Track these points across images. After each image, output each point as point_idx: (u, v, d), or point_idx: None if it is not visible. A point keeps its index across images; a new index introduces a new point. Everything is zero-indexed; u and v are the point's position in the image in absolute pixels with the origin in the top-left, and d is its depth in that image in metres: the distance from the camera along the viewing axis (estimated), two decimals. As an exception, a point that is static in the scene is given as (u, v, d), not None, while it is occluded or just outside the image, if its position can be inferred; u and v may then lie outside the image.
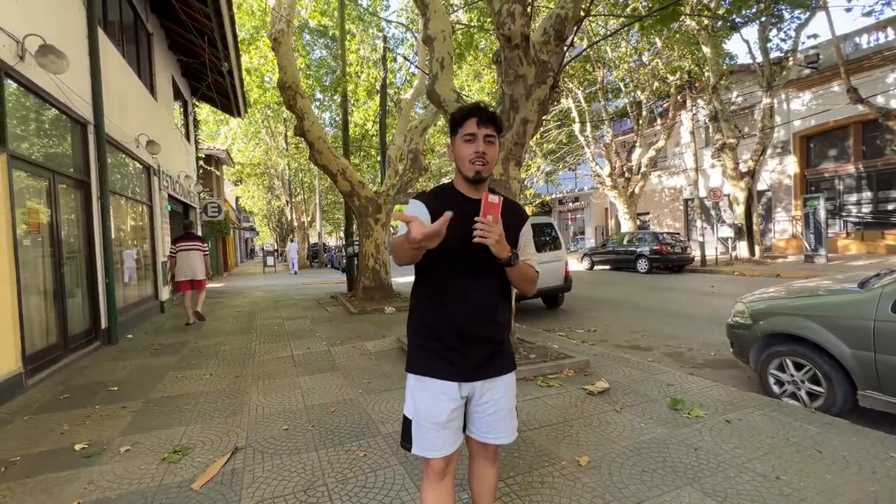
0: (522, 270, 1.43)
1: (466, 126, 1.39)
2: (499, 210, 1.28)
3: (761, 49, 13.30)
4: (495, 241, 1.27)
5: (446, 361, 1.41)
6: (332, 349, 5.12)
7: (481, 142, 1.38)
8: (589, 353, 4.42)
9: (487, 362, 1.44)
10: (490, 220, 1.27)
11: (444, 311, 1.42)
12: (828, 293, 3.27)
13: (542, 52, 3.99)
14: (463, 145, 1.40)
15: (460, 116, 1.41)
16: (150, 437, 2.87)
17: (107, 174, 5.80)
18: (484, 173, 1.40)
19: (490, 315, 1.44)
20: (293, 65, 7.88)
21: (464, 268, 1.40)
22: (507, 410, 1.49)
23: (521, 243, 1.51)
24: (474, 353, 1.42)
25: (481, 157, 1.38)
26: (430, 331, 1.45)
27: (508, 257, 1.33)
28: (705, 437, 2.58)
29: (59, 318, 4.81)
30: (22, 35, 4.10)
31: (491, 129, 1.39)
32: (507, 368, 1.50)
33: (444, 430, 1.40)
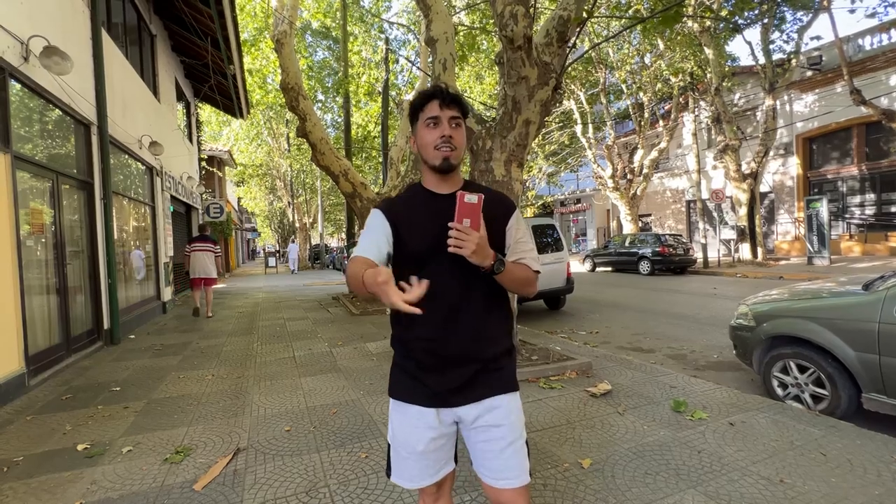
0: (514, 274, 1.21)
1: (428, 109, 1.23)
2: (479, 211, 1.09)
3: (763, 51, 13.28)
4: (472, 250, 1.08)
5: (421, 384, 1.23)
6: (334, 350, 5.12)
7: (446, 125, 1.21)
8: (591, 355, 4.40)
9: (472, 383, 1.22)
10: (467, 225, 1.08)
11: (417, 326, 1.19)
12: (832, 295, 3.26)
13: (545, 54, 3.99)
14: (426, 131, 1.23)
15: (420, 101, 1.25)
16: (153, 438, 2.87)
17: (110, 175, 5.81)
18: (453, 160, 1.22)
19: (474, 330, 1.22)
20: (296, 66, 7.90)
21: (439, 275, 1.15)
22: (508, 442, 1.21)
23: (511, 240, 1.28)
24: (454, 375, 1.21)
25: (448, 142, 1.21)
26: (404, 348, 1.27)
27: (491, 265, 1.13)
28: (708, 439, 2.57)
29: (62, 318, 4.82)
30: (26, 36, 4.12)
31: (455, 111, 1.23)
32: (501, 388, 1.24)
33: (424, 459, 1.24)
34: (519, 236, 1.29)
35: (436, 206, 1.23)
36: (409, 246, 1.24)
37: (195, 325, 7.19)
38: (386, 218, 1.26)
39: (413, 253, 1.24)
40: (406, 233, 1.25)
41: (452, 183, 1.28)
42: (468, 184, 1.33)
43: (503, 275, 1.18)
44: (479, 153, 4.26)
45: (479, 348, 1.23)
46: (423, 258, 1.21)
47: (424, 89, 1.29)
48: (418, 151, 1.29)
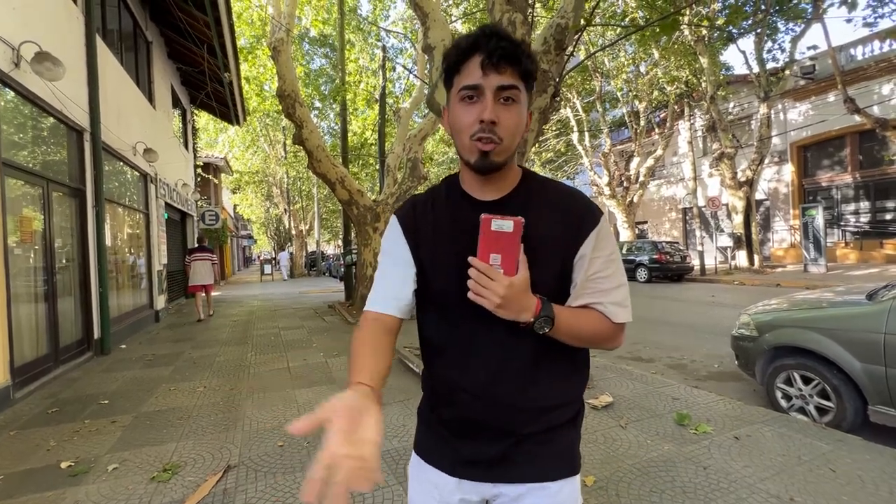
0: (579, 330, 0.81)
1: (465, 72, 0.78)
2: (516, 242, 0.74)
3: (757, 60, 13.42)
4: (497, 304, 0.74)
5: (445, 445, 0.92)
6: (329, 361, 5.02)
7: (490, 99, 0.75)
8: (591, 366, 4.33)
9: (509, 458, 0.87)
10: (496, 263, 0.75)
11: (442, 381, 0.90)
12: (835, 305, 3.21)
13: (543, 62, 3.97)
14: (460, 108, 0.79)
15: (455, 56, 0.79)
16: (140, 454, 2.77)
17: (102, 182, 5.73)
18: (495, 156, 0.78)
19: (512, 393, 0.84)
20: (292, 73, 7.88)
21: (470, 318, 0.82)
22: None
23: (581, 273, 0.83)
24: (485, 444, 0.87)
25: (489, 130, 0.76)
26: (434, 402, 0.95)
27: (531, 322, 0.77)
28: (714, 454, 2.50)
29: (50, 328, 4.70)
30: (18, 42, 4.06)
31: (510, 77, 0.76)
32: (552, 472, 0.87)
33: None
34: (597, 269, 0.82)
35: (466, 219, 0.83)
36: (433, 280, 0.87)
37: (188, 334, 7.07)
38: (403, 235, 0.89)
39: (438, 292, 0.86)
40: (428, 259, 0.87)
41: (502, 183, 0.85)
42: (527, 178, 0.88)
43: (555, 332, 0.79)
44: (477, 161, 4.21)
45: (521, 418, 0.85)
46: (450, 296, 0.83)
47: (467, 34, 0.79)
48: (450, 133, 0.84)
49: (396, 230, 0.90)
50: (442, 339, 0.88)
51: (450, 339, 0.86)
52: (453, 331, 0.86)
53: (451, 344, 0.86)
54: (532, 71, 0.79)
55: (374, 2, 11.37)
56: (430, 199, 0.92)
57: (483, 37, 0.76)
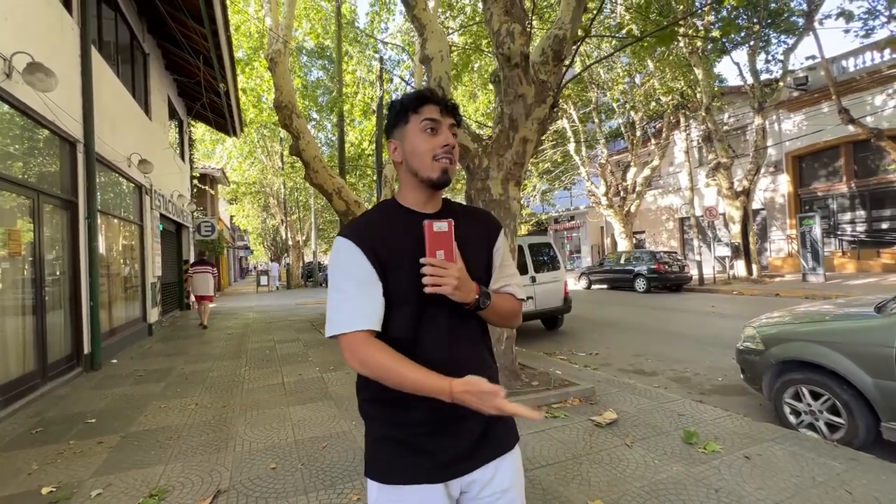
0: (500, 308, 1.06)
1: (425, 111, 1.00)
2: (451, 238, 0.94)
3: (751, 71, 13.55)
4: (454, 286, 0.92)
5: (422, 453, 0.97)
6: (325, 375, 4.91)
7: (448, 132, 1.01)
8: (593, 380, 4.24)
9: (482, 442, 1.01)
10: (441, 258, 0.93)
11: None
12: (843, 318, 3.15)
13: (541, 72, 3.94)
14: (421, 137, 1.00)
15: (413, 102, 1.01)
16: (126, 478, 2.64)
17: (95, 194, 5.64)
18: (451, 173, 1.01)
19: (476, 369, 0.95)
20: (289, 85, 7.86)
21: (430, 316, 0.98)
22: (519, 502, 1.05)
23: (499, 265, 1.11)
24: (465, 432, 0.99)
25: (450, 153, 1.00)
26: (392, 412, 0.99)
27: (476, 300, 0.98)
28: (725, 475, 2.40)
29: (38, 343, 4.57)
30: (10, 53, 4.00)
31: (453, 120, 1.04)
32: (510, 443, 1.06)
33: None
34: (506, 261, 1.13)
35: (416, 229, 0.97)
36: (400, 287, 0.97)
37: (182, 348, 6.93)
38: (364, 254, 0.96)
39: (404, 296, 0.97)
40: (393, 271, 0.97)
41: (437, 201, 1.07)
42: (447, 201, 1.12)
43: (488, 309, 1.03)
44: (476, 171, 4.16)
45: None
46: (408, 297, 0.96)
47: (417, 90, 1.06)
48: (403, 160, 1.03)
49: (355, 252, 0.96)
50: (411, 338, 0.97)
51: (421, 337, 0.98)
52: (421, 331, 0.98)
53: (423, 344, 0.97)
54: (461, 120, 1.09)
55: (371, 14, 11.44)
56: (371, 220, 1.04)
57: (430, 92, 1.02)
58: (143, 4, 8.10)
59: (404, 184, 1.06)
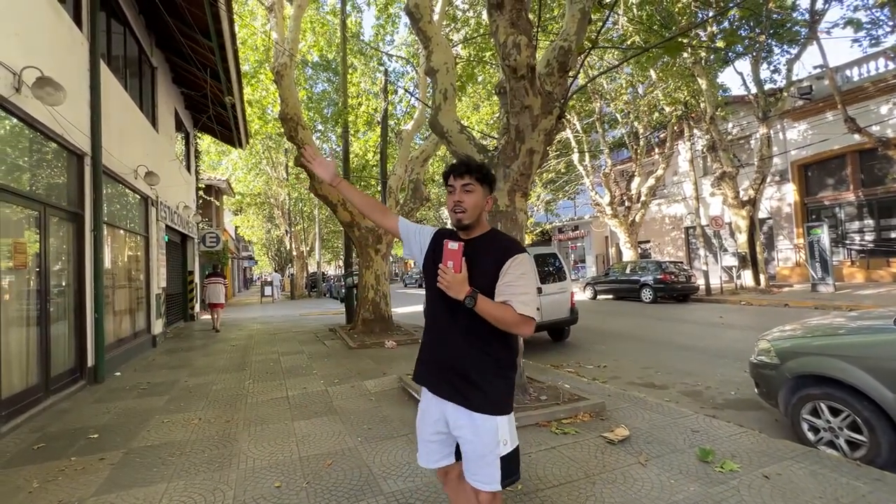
0: (490, 312, 1.42)
1: (449, 179, 1.57)
2: (459, 256, 1.43)
3: (755, 81, 13.56)
4: (446, 286, 1.43)
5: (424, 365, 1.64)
6: (330, 389, 4.84)
7: (459, 190, 1.53)
8: (603, 394, 4.15)
9: (455, 388, 1.52)
10: (450, 267, 1.43)
11: (429, 331, 1.65)
12: (861, 332, 3.07)
13: (546, 84, 3.93)
14: (448, 197, 1.57)
15: (445, 172, 1.60)
16: (127, 497, 2.58)
17: (102, 206, 5.66)
18: (464, 220, 1.53)
19: (460, 350, 1.52)
20: (295, 97, 7.92)
21: (443, 303, 1.52)
22: (476, 456, 1.49)
23: (500, 283, 1.47)
24: (445, 367, 1.55)
25: (459, 205, 1.53)
26: (422, 342, 1.71)
27: (463, 300, 1.41)
28: (745, 496, 2.31)
29: (42, 356, 4.54)
30: (20, 67, 4.04)
31: (467, 179, 1.52)
32: (473, 405, 1.48)
33: (428, 444, 1.62)
34: (507, 279, 1.46)
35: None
36: (428, 273, 1.60)
37: (186, 360, 6.89)
38: (433, 237, 1.69)
39: (425, 273, 1.63)
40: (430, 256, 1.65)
41: (472, 232, 1.59)
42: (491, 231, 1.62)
43: (479, 310, 1.42)
44: (482, 183, 4.13)
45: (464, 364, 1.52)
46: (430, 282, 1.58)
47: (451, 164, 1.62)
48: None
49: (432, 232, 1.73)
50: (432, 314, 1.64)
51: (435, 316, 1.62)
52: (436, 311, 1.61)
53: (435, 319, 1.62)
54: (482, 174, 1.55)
55: (376, 27, 11.55)
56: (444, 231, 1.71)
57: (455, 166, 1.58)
58: (151, 19, 8.22)
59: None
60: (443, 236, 1.60)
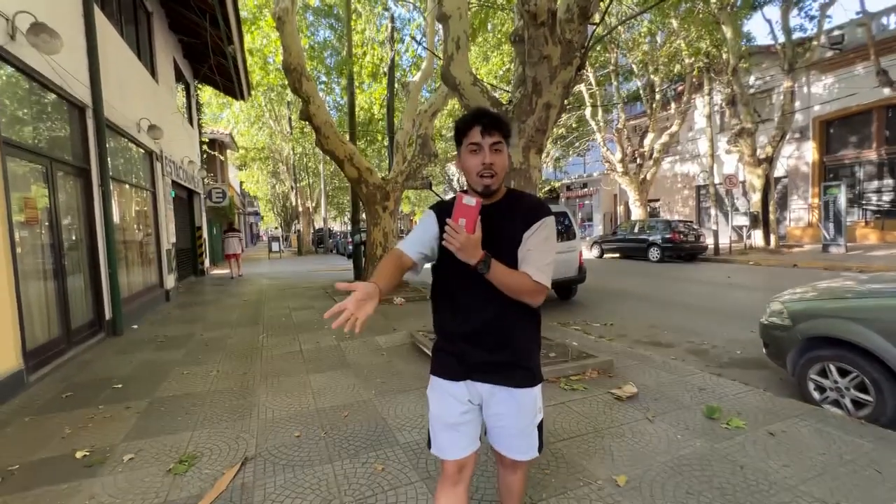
0: (503, 280, 1.27)
1: (471, 135, 1.30)
2: (475, 214, 1.21)
3: (783, 29, 12.75)
4: (457, 247, 1.22)
5: (452, 357, 1.40)
6: (342, 344, 4.96)
7: (488, 152, 1.29)
8: (610, 352, 4.22)
9: (493, 368, 1.37)
10: (461, 225, 1.20)
11: (449, 315, 1.42)
12: (876, 294, 3.03)
13: (566, 31, 3.69)
14: (469, 157, 1.32)
15: (463, 125, 1.33)
16: (156, 444, 2.72)
17: (107, 160, 5.58)
18: (493, 186, 1.32)
19: (492, 323, 1.35)
20: (298, 45, 7.55)
21: (470, 278, 1.30)
22: (518, 430, 1.41)
23: (522, 247, 1.32)
24: (478, 353, 1.37)
25: (489, 169, 1.30)
26: (441, 332, 1.47)
27: (475, 265, 1.24)
28: (750, 452, 2.39)
29: (61, 310, 4.66)
30: (11, 12, 3.84)
31: (497, 137, 1.29)
32: (516, 382, 1.38)
33: (454, 431, 1.40)
34: (529, 245, 1.32)
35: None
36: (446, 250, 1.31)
37: (199, 314, 7.06)
38: (437, 220, 1.39)
39: (448, 257, 1.32)
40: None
41: (494, 197, 1.38)
42: (510, 192, 1.42)
43: (492, 276, 1.26)
44: (496, 139, 4.00)
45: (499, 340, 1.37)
46: (453, 258, 1.28)
47: (468, 113, 1.34)
48: (461, 171, 1.40)
49: (430, 215, 1.43)
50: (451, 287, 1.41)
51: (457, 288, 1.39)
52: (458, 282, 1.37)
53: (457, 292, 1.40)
54: (509, 131, 1.34)
55: (381, -32, 10.83)
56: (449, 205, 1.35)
57: (480, 114, 1.31)
58: (143, -41, 7.73)
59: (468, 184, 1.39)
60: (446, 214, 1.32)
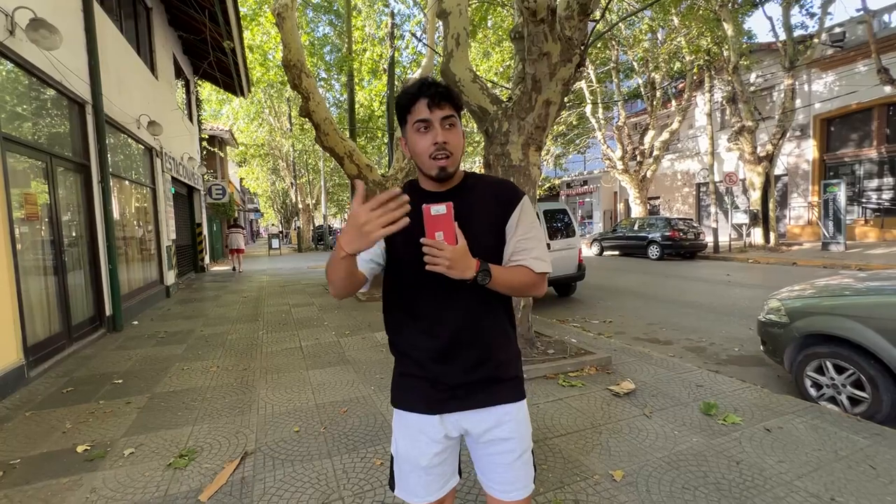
0: (507, 281, 1.07)
1: (416, 111, 1.06)
2: (450, 220, 0.99)
3: (784, 26, 12.71)
4: (447, 266, 0.97)
5: (422, 386, 1.15)
6: (342, 340, 4.98)
7: (439, 128, 1.05)
8: (609, 349, 4.24)
9: (476, 388, 1.14)
10: (440, 238, 0.98)
11: (416, 335, 1.15)
12: (873, 292, 3.05)
13: (566, 28, 3.69)
14: (417, 137, 1.08)
15: (406, 99, 1.08)
16: (156, 439, 2.73)
17: (107, 157, 5.58)
18: (450, 167, 1.08)
19: (473, 336, 1.12)
20: (298, 42, 7.54)
21: (432, 282, 1.07)
22: (517, 455, 1.14)
23: (513, 238, 1.13)
24: (453, 373, 1.12)
25: (443, 149, 1.05)
26: (400, 353, 1.20)
27: (474, 277, 1.01)
28: (746, 448, 2.40)
29: (62, 305, 4.67)
30: (11, 8, 3.84)
31: (448, 109, 1.06)
32: (506, 397, 1.15)
33: (426, 475, 1.16)
34: (521, 234, 1.13)
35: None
36: (397, 254, 1.14)
37: (199, 310, 7.07)
38: None
39: (401, 262, 1.14)
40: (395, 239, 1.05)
41: (451, 182, 1.15)
42: (467, 176, 1.19)
43: (493, 283, 1.06)
44: (495, 136, 4.01)
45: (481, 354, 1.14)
46: (413, 266, 1.07)
47: (408, 86, 1.10)
48: (409, 156, 1.14)
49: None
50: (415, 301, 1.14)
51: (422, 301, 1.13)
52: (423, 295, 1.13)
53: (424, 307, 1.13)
54: (460, 103, 1.11)
55: (381, -36, 10.79)
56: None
57: (423, 85, 1.06)
58: (142, -46, 7.71)
59: (418, 172, 1.16)
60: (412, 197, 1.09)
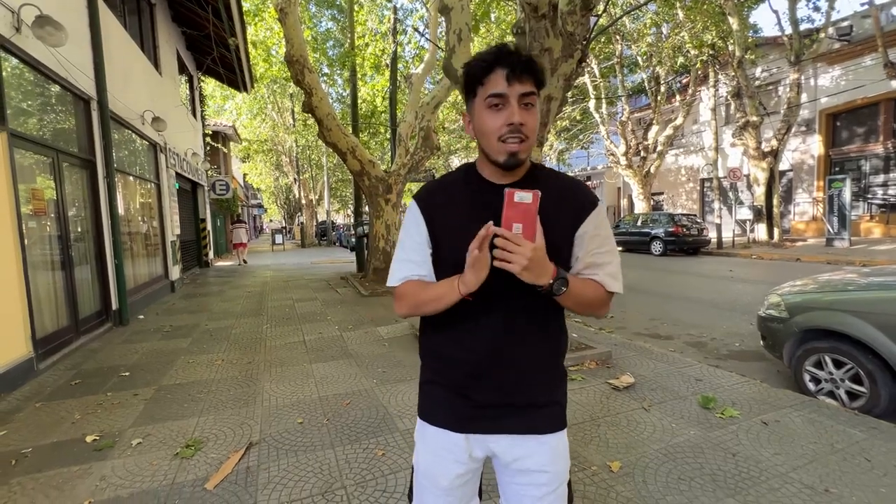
0: (580, 295, 0.94)
1: (490, 83, 0.89)
2: (534, 213, 0.83)
3: (790, 20, 12.59)
4: (523, 266, 0.83)
5: (451, 395, 1.03)
6: (345, 334, 5.03)
7: (516, 107, 0.88)
8: (609, 343, 4.27)
9: (511, 411, 1.01)
10: (518, 232, 0.83)
11: (450, 343, 1.02)
12: (873, 287, 3.06)
13: (568, 23, 3.70)
14: (486, 114, 0.90)
15: (479, 69, 0.90)
16: (163, 429, 2.79)
17: (112, 152, 5.64)
18: (521, 154, 0.90)
19: (508, 347, 0.98)
20: (300, 37, 7.55)
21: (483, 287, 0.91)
22: (550, 490, 1.01)
23: (585, 248, 0.98)
24: (487, 391, 1.00)
25: (517, 132, 0.88)
26: (436, 363, 1.07)
27: (550, 285, 0.87)
28: (742, 440, 2.44)
29: (69, 299, 4.74)
30: (17, 5, 3.88)
31: (529, 85, 0.89)
32: (543, 426, 1.01)
33: (446, 496, 1.05)
34: (596, 246, 0.98)
35: (487, 200, 0.94)
36: (443, 253, 0.99)
37: (204, 304, 7.15)
38: (422, 214, 1.01)
39: (447, 261, 0.98)
40: (440, 235, 0.99)
41: (518, 171, 0.97)
42: (535, 168, 1.01)
43: (565, 296, 0.91)
44: (497, 131, 4.02)
45: (522, 379, 1.00)
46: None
47: (486, 52, 0.91)
48: (474, 136, 0.96)
49: (414, 211, 1.03)
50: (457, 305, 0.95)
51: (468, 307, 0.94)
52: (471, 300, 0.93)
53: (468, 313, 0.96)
54: (543, 79, 0.93)
55: (384, -41, 10.76)
56: (445, 185, 1.04)
57: (504, 52, 0.90)
58: (146, -50, 7.72)
59: (480, 156, 1.00)
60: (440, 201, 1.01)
